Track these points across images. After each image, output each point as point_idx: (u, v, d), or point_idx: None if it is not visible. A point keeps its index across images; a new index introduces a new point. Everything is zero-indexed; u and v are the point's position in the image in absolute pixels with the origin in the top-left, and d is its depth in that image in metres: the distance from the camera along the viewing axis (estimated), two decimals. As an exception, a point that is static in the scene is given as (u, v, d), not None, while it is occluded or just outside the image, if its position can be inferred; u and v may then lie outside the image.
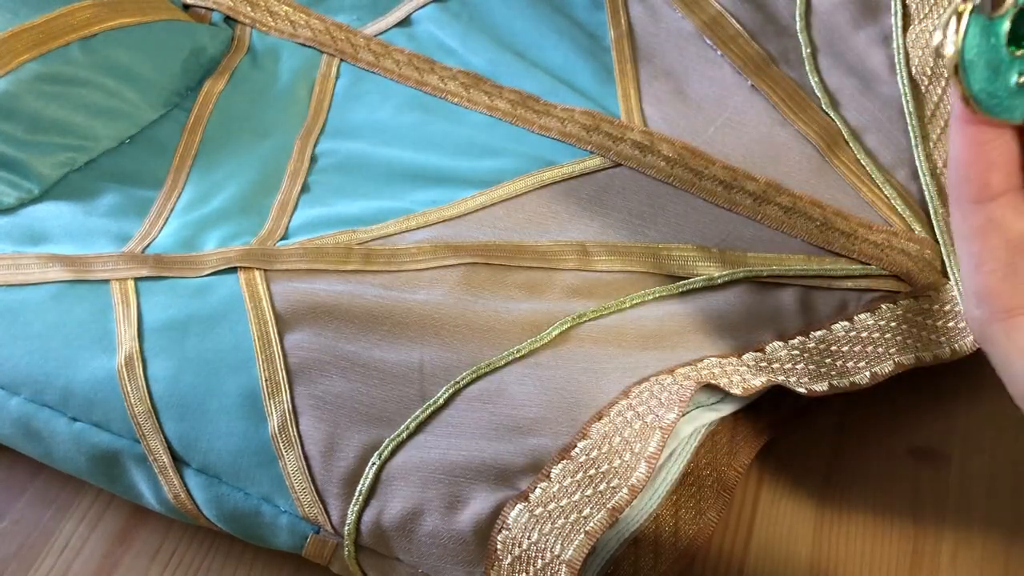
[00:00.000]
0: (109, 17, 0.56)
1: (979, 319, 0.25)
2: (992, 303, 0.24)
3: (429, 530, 0.36)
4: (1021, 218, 0.24)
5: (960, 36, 0.23)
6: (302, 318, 0.42)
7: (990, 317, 0.25)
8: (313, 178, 0.51)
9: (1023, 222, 0.24)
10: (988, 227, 0.24)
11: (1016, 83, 0.24)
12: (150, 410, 0.40)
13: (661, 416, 0.36)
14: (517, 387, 0.39)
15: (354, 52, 0.58)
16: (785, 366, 0.40)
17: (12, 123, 0.51)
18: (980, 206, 0.24)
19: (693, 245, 0.44)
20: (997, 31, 0.24)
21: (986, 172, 0.24)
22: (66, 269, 0.46)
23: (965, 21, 0.23)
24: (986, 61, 0.23)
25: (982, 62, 0.23)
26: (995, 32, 0.24)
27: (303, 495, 0.38)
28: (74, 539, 0.43)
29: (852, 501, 0.40)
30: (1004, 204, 0.24)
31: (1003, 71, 0.24)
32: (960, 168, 0.24)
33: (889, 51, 0.46)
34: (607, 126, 0.49)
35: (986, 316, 0.25)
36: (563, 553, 0.34)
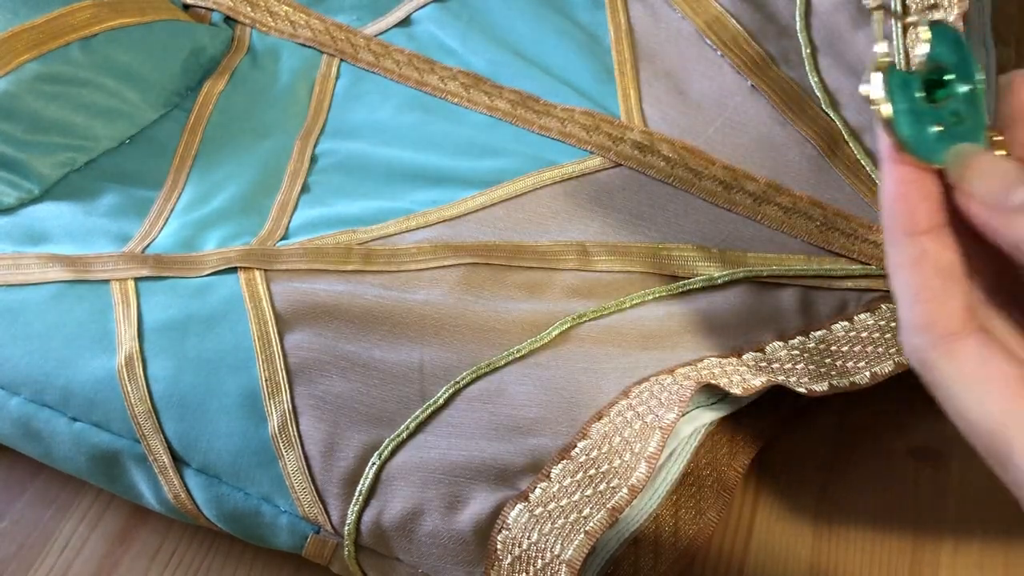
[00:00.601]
0: (109, 17, 0.56)
1: (918, 347, 0.26)
2: (930, 331, 0.26)
3: (429, 530, 0.36)
4: (948, 250, 0.26)
5: (886, 87, 0.26)
6: (302, 318, 0.42)
7: (929, 344, 0.26)
8: (313, 178, 0.51)
9: (951, 253, 0.26)
10: (920, 258, 0.26)
11: (935, 131, 0.27)
12: (150, 410, 0.40)
13: (661, 416, 0.36)
14: (517, 387, 0.39)
15: (354, 52, 0.58)
16: (785, 366, 0.40)
17: (12, 123, 0.51)
18: (912, 239, 0.26)
19: (693, 245, 0.44)
20: (914, 83, 0.27)
21: (915, 207, 0.26)
22: (66, 269, 0.46)
23: (888, 75, 0.26)
24: (909, 110, 0.26)
25: (904, 109, 0.26)
26: (913, 84, 0.27)
27: (303, 495, 0.38)
28: (74, 539, 0.43)
29: (852, 501, 0.40)
30: (933, 238, 0.26)
31: (923, 119, 0.26)
32: (892, 204, 0.26)
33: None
34: (607, 126, 0.49)
35: (925, 344, 0.26)
36: (563, 553, 0.34)
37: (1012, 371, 0.25)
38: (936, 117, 0.27)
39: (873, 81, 0.26)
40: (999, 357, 0.25)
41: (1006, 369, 0.25)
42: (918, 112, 0.27)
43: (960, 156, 0.26)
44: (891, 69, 0.26)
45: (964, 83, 0.27)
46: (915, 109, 0.27)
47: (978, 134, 0.27)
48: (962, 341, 0.26)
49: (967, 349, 0.25)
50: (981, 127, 0.27)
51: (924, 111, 0.27)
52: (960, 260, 0.26)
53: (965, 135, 0.27)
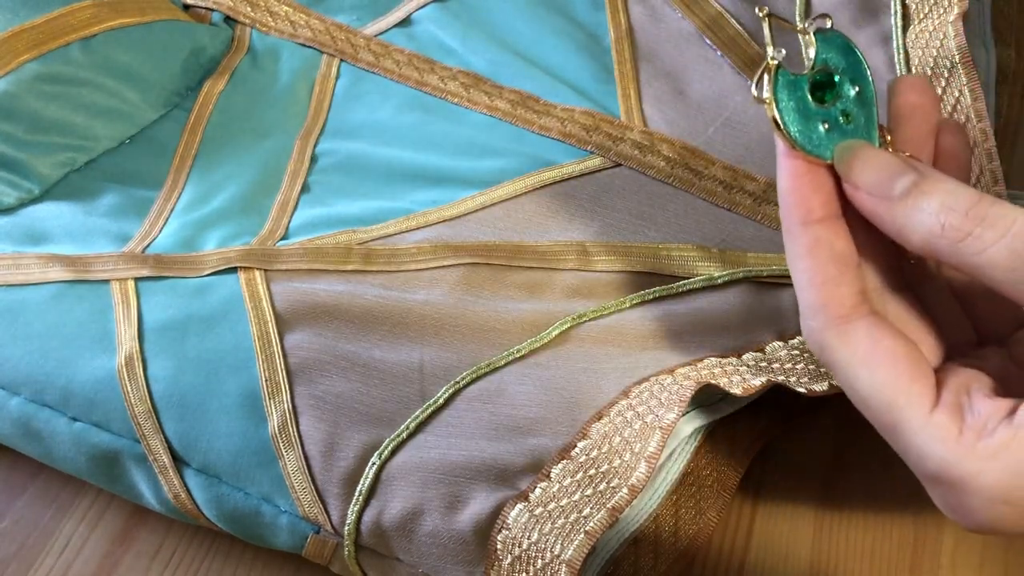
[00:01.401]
0: (109, 17, 0.56)
1: (815, 329, 0.28)
2: (825, 313, 0.28)
3: (429, 530, 0.36)
4: (841, 239, 0.28)
5: (774, 88, 0.28)
6: (302, 318, 0.42)
7: (824, 326, 0.28)
8: (313, 178, 0.51)
9: (844, 242, 0.28)
10: (815, 245, 0.28)
11: (823, 129, 0.28)
12: (150, 410, 0.40)
13: (661, 416, 0.36)
14: (517, 387, 0.39)
15: (354, 52, 0.58)
16: (785, 366, 0.40)
17: (12, 123, 0.51)
18: (807, 227, 0.28)
19: (693, 245, 0.44)
20: (801, 85, 0.28)
21: (808, 198, 0.28)
22: (66, 269, 0.46)
23: (775, 76, 0.28)
24: (796, 109, 0.28)
25: (793, 110, 0.28)
26: (800, 86, 0.28)
27: (303, 495, 0.38)
28: (74, 539, 0.43)
29: (852, 501, 0.40)
30: (826, 227, 0.28)
31: (811, 117, 0.28)
32: (787, 196, 0.28)
33: (889, 51, 0.46)
34: (607, 126, 0.49)
35: (821, 325, 0.28)
36: (563, 553, 0.34)
37: (900, 349, 0.27)
38: (824, 116, 0.28)
39: (763, 82, 0.28)
40: (888, 337, 0.27)
41: (894, 347, 0.27)
42: (805, 111, 0.28)
43: (846, 151, 0.28)
44: (778, 71, 0.28)
45: (853, 84, 0.29)
46: (802, 108, 0.28)
47: (869, 133, 0.29)
48: (854, 323, 0.28)
49: (859, 330, 0.27)
50: (872, 127, 0.29)
51: (811, 110, 0.28)
52: (852, 248, 0.28)
53: (855, 133, 0.29)
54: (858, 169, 0.28)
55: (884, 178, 0.27)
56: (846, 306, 0.28)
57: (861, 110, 0.29)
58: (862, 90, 0.29)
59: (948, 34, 0.43)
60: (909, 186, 0.27)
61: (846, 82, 0.29)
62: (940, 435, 0.26)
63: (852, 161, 0.28)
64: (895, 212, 0.27)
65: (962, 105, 0.43)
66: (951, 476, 0.26)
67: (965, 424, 0.26)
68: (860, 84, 0.29)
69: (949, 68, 0.42)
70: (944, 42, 0.44)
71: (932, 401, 0.27)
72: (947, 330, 0.30)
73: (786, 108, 0.28)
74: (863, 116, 0.29)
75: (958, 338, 0.31)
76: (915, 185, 0.27)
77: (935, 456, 0.26)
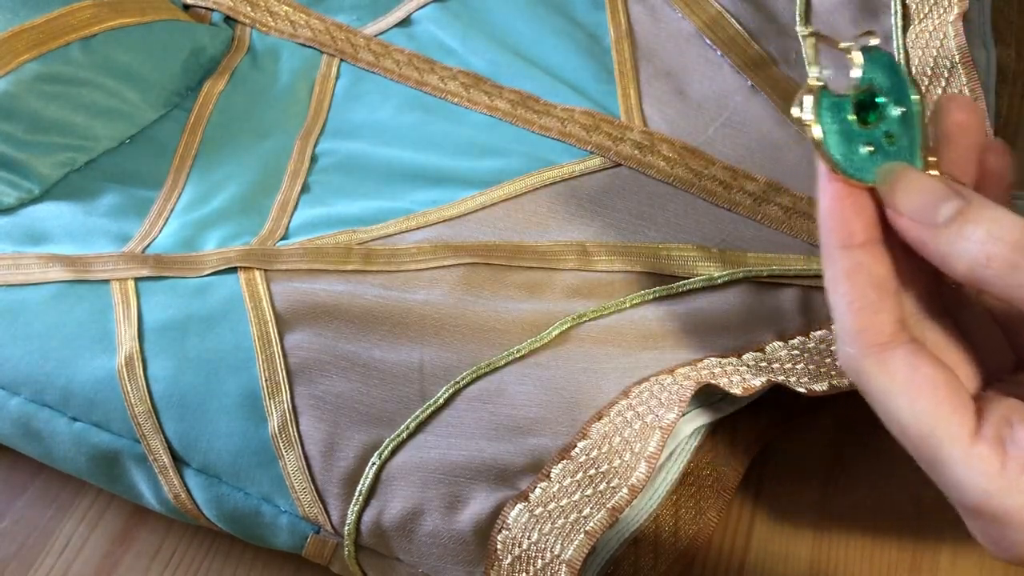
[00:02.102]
0: (109, 17, 0.56)
1: (853, 356, 0.27)
2: (863, 339, 0.27)
3: (429, 530, 0.36)
4: (881, 264, 0.27)
5: (815, 109, 0.27)
6: (302, 318, 0.42)
7: (862, 353, 0.27)
8: (313, 178, 0.51)
9: (884, 267, 0.27)
10: (855, 270, 0.27)
11: (866, 151, 0.28)
12: (150, 410, 0.40)
13: (661, 416, 0.36)
14: (517, 387, 0.39)
15: (354, 52, 0.58)
16: (785, 366, 0.40)
17: (12, 123, 0.51)
18: (847, 251, 0.27)
19: (693, 245, 0.44)
20: (845, 106, 0.28)
21: (849, 222, 0.27)
22: (66, 269, 0.46)
23: (818, 97, 0.27)
24: (839, 131, 0.27)
25: (836, 132, 0.27)
26: (844, 107, 0.28)
27: (303, 495, 0.38)
28: (74, 539, 0.43)
29: (852, 501, 0.40)
30: (867, 251, 0.27)
31: (854, 140, 0.28)
32: (827, 219, 0.28)
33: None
34: (607, 126, 0.49)
35: (858, 352, 0.27)
36: (563, 553, 0.34)
37: (940, 377, 0.26)
38: (867, 138, 0.28)
39: (804, 104, 0.27)
40: (928, 365, 0.27)
41: (934, 376, 0.26)
42: (848, 133, 0.27)
43: (889, 174, 0.27)
44: (822, 92, 0.27)
45: (897, 105, 0.28)
46: (845, 130, 0.27)
47: (913, 155, 0.28)
48: (893, 350, 0.27)
49: (897, 358, 0.27)
50: (916, 148, 0.28)
51: (854, 132, 0.28)
52: (892, 274, 0.27)
53: (898, 155, 0.28)
54: (901, 194, 0.27)
55: (928, 204, 0.26)
56: (885, 333, 0.27)
57: (905, 131, 0.28)
58: (907, 111, 0.28)
59: (948, 34, 0.43)
60: (954, 213, 0.26)
61: (890, 103, 0.28)
62: (982, 467, 0.25)
63: (895, 185, 0.27)
64: (939, 240, 0.26)
65: (962, 105, 0.43)
66: (993, 509, 0.25)
67: (1008, 456, 0.25)
68: (905, 105, 0.28)
69: (949, 68, 0.42)
70: (944, 42, 0.44)
71: (973, 432, 0.26)
72: (986, 355, 0.30)
73: (829, 131, 0.27)
74: (907, 138, 0.28)
75: (997, 363, 0.30)
76: (960, 213, 0.26)
77: (976, 489, 0.26)
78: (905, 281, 0.28)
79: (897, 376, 0.27)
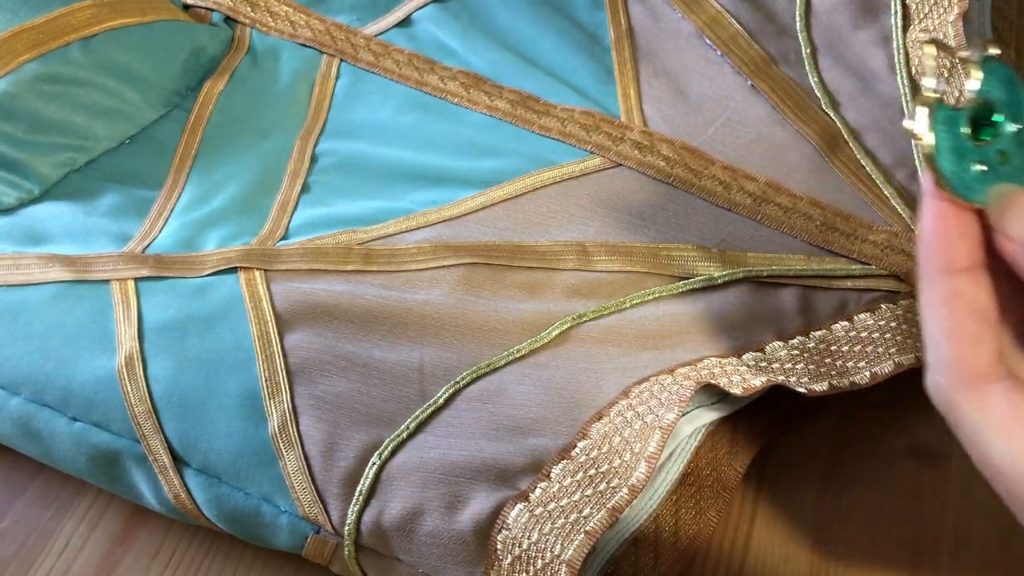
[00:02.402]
0: (109, 17, 0.56)
1: (944, 387, 0.26)
2: (958, 371, 0.25)
3: (429, 530, 0.36)
4: (984, 293, 0.25)
5: (930, 123, 0.26)
6: (302, 318, 0.42)
7: (956, 385, 0.25)
8: (313, 178, 0.51)
9: (986, 296, 0.25)
10: (955, 297, 0.25)
11: (978, 169, 0.26)
12: (150, 410, 0.40)
13: (661, 416, 0.36)
14: (517, 387, 0.39)
15: (354, 52, 0.58)
16: (785, 366, 0.40)
17: (12, 123, 0.51)
18: (948, 276, 0.25)
19: (693, 245, 0.44)
20: (960, 120, 0.26)
21: (954, 244, 0.25)
22: (66, 269, 0.46)
23: (934, 110, 0.26)
24: (952, 147, 0.26)
25: (949, 148, 0.26)
26: (958, 121, 0.26)
27: (303, 495, 0.38)
28: (74, 539, 0.43)
29: (852, 501, 0.40)
30: (969, 278, 0.25)
31: (966, 156, 0.26)
32: (931, 239, 0.26)
33: (889, 51, 0.46)
34: (607, 126, 0.49)
35: (952, 384, 0.26)
36: (563, 553, 0.34)
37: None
38: (980, 155, 0.26)
39: (918, 116, 0.26)
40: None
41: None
42: (961, 149, 0.26)
43: (1001, 196, 0.26)
44: (937, 105, 0.26)
45: (1014, 123, 0.27)
46: (958, 146, 0.26)
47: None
48: (991, 385, 0.25)
49: (995, 393, 0.25)
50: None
51: (967, 149, 0.26)
52: (994, 303, 0.26)
53: (1011, 176, 0.26)
54: (1014, 219, 0.25)
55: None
56: (982, 365, 0.25)
57: (1019, 150, 0.26)
58: (1020, 128, 0.26)
59: (948, 34, 0.43)
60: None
61: (1007, 119, 0.26)
62: None
63: (1007, 210, 0.25)
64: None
65: (962, 105, 0.43)
66: None
67: None
68: (1020, 122, 0.27)
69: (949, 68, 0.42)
70: (944, 42, 0.44)
71: None
72: None
73: (942, 146, 0.26)
74: (1020, 157, 0.26)
75: None
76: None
77: None
78: (1005, 309, 0.26)
79: (994, 412, 0.25)
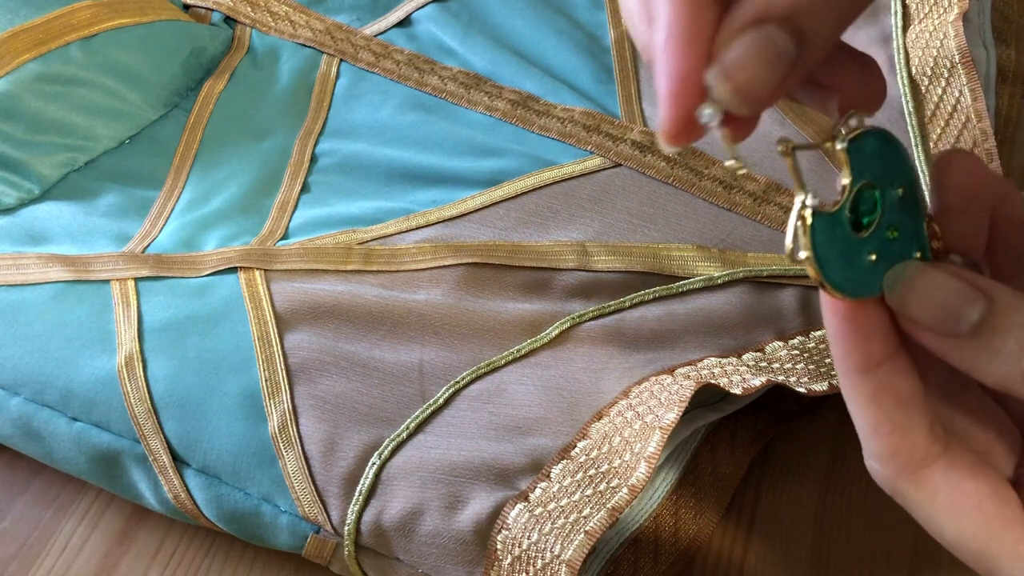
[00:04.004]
0: (109, 17, 0.56)
1: (885, 476, 0.25)
2: (894, 463, 0.25)
3: (429, 530, 0.36)
4: (907, 378, 0.24)
5: (808, 239, 0.23)
6: (302, 318, 0.42)
7: (895, 474, 0.25)
8: (313, 178, 0.51)
9: (909, 380, 0.24)
10: (878, 393, 0.24)
11: (870, 261, 0.24)
12: (150, 410, 0.40)
13: (661, 416, 0.36)
14: (517, 387, 0.39)
15: (354, 52, 0.58)
16: (785, 366, 0.40)
17: (12, 123, 0.51)
18: (867, 374, 0.24)
19: (693, 245, 0.44)
20: (840, 221, 0.24)
21: (865, 344, 0.24)
22: (66, 269, 0.46)
23: (810, 223, 0.23)
24: (838, 253, 0.23)
25: (834, 255, 0.23)
26: (839, 223, 0.24)
27: (303, 495, 0.38)
28: (74, 539, 0.43)
29: (852, 501, 0.40)
30: (889, 368, 0.24)
31: (856, 255, 0.24)
32: (839, 344, 0.24)
33: (889, 51, 0.46)
34: (607, 126, 0.49)
35: (892, 473, 0.25)
36: (563, 553, 0.34)
37: (984, 490, 0.24)
38: (870, 245, 0.24)
39: (792, 237, 0.23)
40: (968, 479, 0.24)
41: (977, 491, 0.24)
42: (848, 252, 0.24)
43: (896, 281, 0.24)
44: (814, 216, 0.23)
45: (894, 187, 0.24)
46: (844, 250, 0.24)
47: (918, 237, 0.25)
48: (928, 468, 0.25)
49: (936, 476, 0.25)
50: (920, 228, 0.25)
51: (854, 245, 0.24)
52: (918, 381, 0.25)
53: (904, 247, 0.24)
54: (914, 304, 0.23)
55: (947, 312, 0.23)
56: (918, 451, 0.24)
57: (907, 212, 0.24)
58: (905, 189, 0.24)
59: (948, 34, 0.43)
60: (978, 320, 0.23)
61: (888, 190, 0.24)
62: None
63: (906, 295, 0.23)
64: (963, 353, 0.23)
65: (962, 105, 0.43)
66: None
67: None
68: (902, 183, 0.24)
69: (949, 68, 0.42)
70: (944, 42, 0.44)
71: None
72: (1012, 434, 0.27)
73: (828, 258, 0.23)
74: (909, 219, 0.24)
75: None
76: (985, 320, 0.23)
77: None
78: (927, 371, 0.25)
79: (937, 496, 0.24)
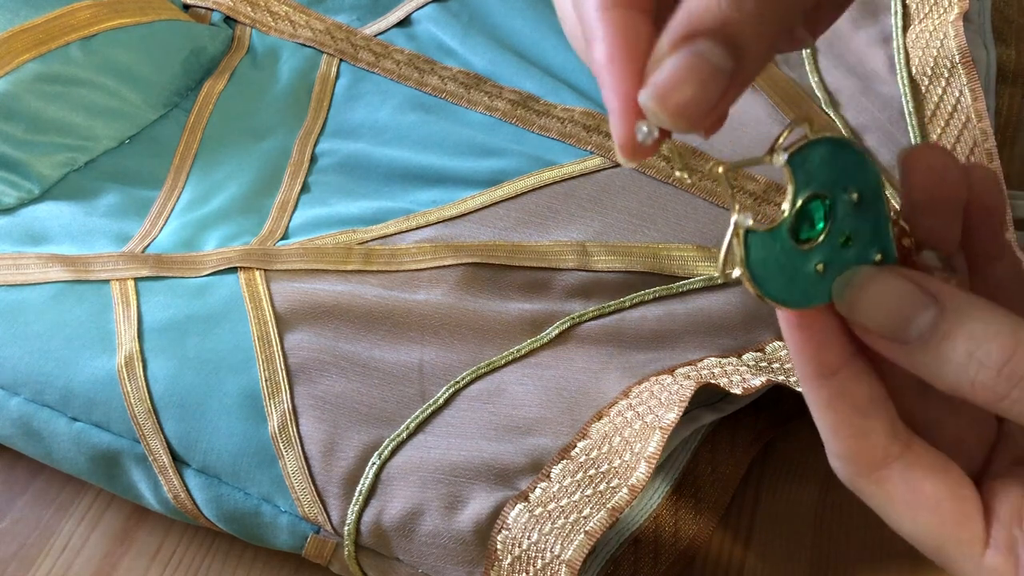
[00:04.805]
0: (109, 17, 0.56)
1: (846, 475, 0.26)
2: (856, 463, 0.25)
3: (429, 530, 0.36)
4: (864, 383, 0.25)
5: (742, 257, 0.23)
6: (302, 318, 0.42)
7: (856, 474, 0.26)
8: (313, 178, 0.51)
9: (868, 384, 0.25)
10: (835, 400, 0.25)
11: (817, 271, 0.23)
12: (150, 410, 0.40)
13: (661, 416, 0.36)
14: (517, 387, 0.39)
15: (354, 52, 0.58)
16: (785, 366, 0.40)
17: (12, 123, 0.51)
18: (825, 380, 0.25)
19: (693, 245, 0.44)
20: (780, 236, 0.23)
21: (819, 352, 0.24)
22: (66, 269, 0.46)
23: (743, 241, 0.23)
24: (778, 267, 0.23)
25: (774, 270, 0.23)
26: (778, 237, 0.23)
27: (303, 495, 0.38)
28: (74, 539, 0.43)
29: (852, 500, 0.40)
30: (848, 373, 0.24)
31: (799, 268, 0.23)
32: (796, 354, 0.25)
33: (889, 51, 0.46)
34: (607, 126, 0.49)
35: (852, 473, 0.26)
36: (563, 553, 0.34)
37: (942, 490, 0.25)
38: (817, 255, 0.23)
39: (727, 255, 0.23)
40: (927, 479, 0.25)
41: (935, 491, 0.25)
42: (789, 265, 0.23)
43: (844, 289, 0.24)
44: (748, 234, 0.23)
45: (847, 193, 0.23)
46: (785, 263, 0.23)
47: (881, 238, 0.24)
48: (888, 468, 0.25)
49: (894, 475, 0.25)
50: (883, 230, 0.24)
51: (797, 258, 0.23)
52: (878, 385, 0.25)
53: (861, 250, 0.24)
54: (863, 310, 0.23)
55: (897, 320, 0.23)
56: (877, 452, 0.25)
57: (866, 216, 0.23)
58: (862, 192, 0.23)
59: (948, 34, 0.43)
60: (928, 327, 0.22)
61: (841, 197, 0.23)
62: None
63: (854, 302, 0.23)
64: (914, 359, 0.23)
65: (962, 105, 0.43)
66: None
67: (1020, 563, 0.24)
68: (859, 187, 0.23)
69: (949, 68, 0.42)
70: (944, 42, 0.44)
71: (983, 542, 0.24)
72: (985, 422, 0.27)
73: (765, 272, 0.23)
74: (867, 222, 0.23)
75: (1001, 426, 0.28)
76: (935, 326, 0.22)
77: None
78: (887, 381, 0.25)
79: (895, 494, 0.25)
